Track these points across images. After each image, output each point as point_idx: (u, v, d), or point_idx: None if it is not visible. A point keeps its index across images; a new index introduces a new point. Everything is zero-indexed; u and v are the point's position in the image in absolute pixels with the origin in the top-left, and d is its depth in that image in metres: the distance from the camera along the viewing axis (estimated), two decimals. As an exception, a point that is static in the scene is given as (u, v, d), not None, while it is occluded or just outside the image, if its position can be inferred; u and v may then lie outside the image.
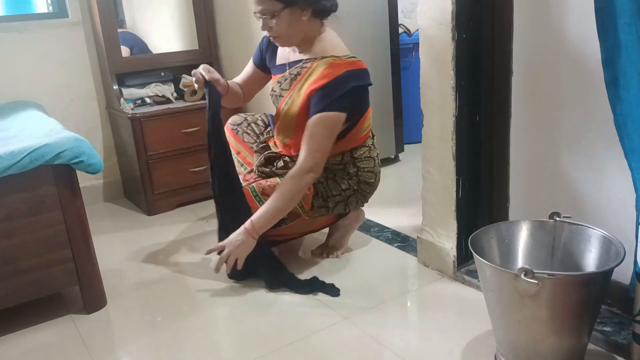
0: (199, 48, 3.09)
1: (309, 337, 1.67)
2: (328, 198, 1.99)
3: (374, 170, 2.07)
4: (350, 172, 2.03)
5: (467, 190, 1.88)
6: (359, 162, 2.03)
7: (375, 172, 2.08)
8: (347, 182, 2.02)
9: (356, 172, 2.03)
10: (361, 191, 2.05)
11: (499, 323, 1.43)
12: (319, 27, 1.95)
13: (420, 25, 1.82)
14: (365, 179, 2.04)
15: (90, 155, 1.78)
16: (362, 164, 2.03)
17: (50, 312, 1.92)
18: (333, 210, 2.03)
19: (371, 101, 3.20)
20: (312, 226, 2.11)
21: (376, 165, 2.09)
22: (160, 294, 2.01)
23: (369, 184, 2.06)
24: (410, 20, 3.83)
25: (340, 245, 2.21)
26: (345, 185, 2.01)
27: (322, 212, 2.02)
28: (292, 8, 1.81)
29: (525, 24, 1.70)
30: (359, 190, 2.04)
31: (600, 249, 1.43)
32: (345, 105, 1.85)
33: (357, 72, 1.89)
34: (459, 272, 1.93)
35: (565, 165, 1.67)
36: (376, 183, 2.10)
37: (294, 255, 2.23)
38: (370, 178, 2.06)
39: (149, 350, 1.68)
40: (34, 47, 2.86)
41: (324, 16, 1.93)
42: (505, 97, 1.79)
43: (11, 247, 1.73)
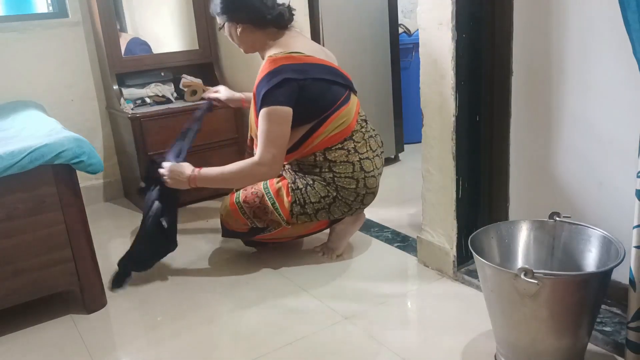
0: (199, 48, 3.09)
1: (309, 337, 1.67)
2: (306, 205, 1.98)
3: (353, 175, 1.97)
4: (327, 178, 1.98)
5: (467, 190, 1.88)
6: (335, 167, 1.97)
7: (356, 177, 1.98)
8: (326, 189, 1.98)
9: (332, 178, 1.98)
10: (342, 198, 1.99)
11: (499, 323, 1.43)
12: (275, 34, 1.99)
13: (420, 25, 1.82)
14: (343, 185, 1.98)
15: (90, 155, 1.78)
16: (337, 168, 1.97)
17: (50, 312, 1.92)
18: (316, 217, 2.01)
19: (371, 101, 3.23)
20: (300, 231, 2.10)
21: (357, 170, 1.98)
22: (160, 293, 2.01)
23: (349, 190, 1.98)
24: (410, 20, 3.84)
25: (337, 247, 2.20)
26: (324, 192, 1.98)
27: (303, 219, 2.01)
28: (229, 22, 1.99)
29: (525, 24, 1.70)
30: (340, 197, 1.99)
31: (600, 248, 1.43)
32: (281, 98, 1.85)
33: (293, 66, 1.89)
34: (459, 272, 1.93)
35: (565, 165, 1.67)
36: (361, 190, 2.00)
37: (296, 251, 2.23)
38: (350, 184, 1.98)
39: (149, 350, 1.68)
40: (34, 47, 2.86)
41: (265, 27, 1.97)
42: (505, 97, 1.79)
43: (11, 247, 1.73)
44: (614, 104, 1.51)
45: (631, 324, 1.30)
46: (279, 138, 1.87)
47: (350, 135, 2.00)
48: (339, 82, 2.02)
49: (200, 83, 2.99)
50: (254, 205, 2.00)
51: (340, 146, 1.98)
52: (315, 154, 1.98)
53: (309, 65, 1.94)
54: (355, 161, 1.98)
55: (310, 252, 2.24)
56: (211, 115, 2.83)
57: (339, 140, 1.98)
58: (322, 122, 1.95)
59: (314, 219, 2.02)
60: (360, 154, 2.01)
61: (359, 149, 2.01)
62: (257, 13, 1.94)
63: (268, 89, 1.86)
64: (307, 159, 1.99)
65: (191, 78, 3.02)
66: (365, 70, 3.17)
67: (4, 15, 2.88)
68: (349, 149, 1.99)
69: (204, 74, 3.13)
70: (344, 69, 3.24)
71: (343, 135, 1.98)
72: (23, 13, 2.93)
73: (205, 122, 2.84)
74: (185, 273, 2.15)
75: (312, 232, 2.16)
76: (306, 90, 1.90)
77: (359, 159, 1.99)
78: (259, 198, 2.00)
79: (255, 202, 2.00)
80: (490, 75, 1.82)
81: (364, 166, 2.00)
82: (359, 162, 1.99)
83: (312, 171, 2.01)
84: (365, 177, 2.00)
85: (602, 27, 1.49)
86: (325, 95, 1.95)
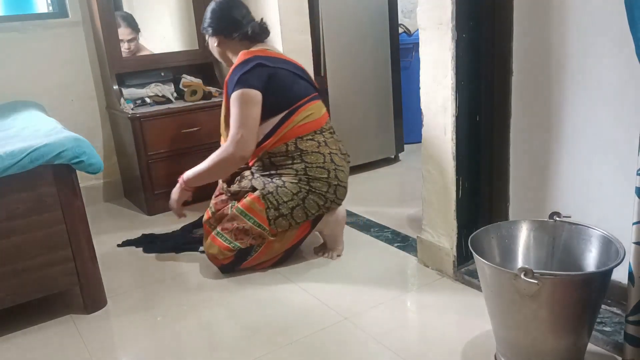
0: (199, 48, 3.09)
1: (309, 337, 1.67)
2: (280, 206, 1.99)
3: (324, 166, 2.03)
4: (299, 170, 2.02)
5: (467, 190, 1.88)
6: (306, 156, 2.03)
7: (327, 168, 2.04)
8: (297, 186, 2.01)
9: (304, 169, 2.02)
10: (315, 190, 2.02)
11: (499, 323, 1.43)
12: (248, 45, 2.16)
13: (420, 25, 1.82)
14: (314, 175, 2.01)
15: (91, 155, 1.78)
16: (308, 157, 2.03)
17: (50, 312, 1.92)
18: (293, 218, 2.01)
19: (371, 101, 3.24)
20: (285, 244, 2.08)
21: (328, 162, 2.05)
22: (160, 294, 2.01)
23: (321, 180, 2.02)
24: (410, 20, 3.84)
25: (333, 247, 2.20)
26: (296, 189, 2.00)
27: (282, 222, 2.01)
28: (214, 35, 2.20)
29: (525, 24, 1.70)
30: (312, 190, 2.01)
31: (600, 248, 1.43)
32: (251, 82, 2.00)
33: (264, 57, 2.08)
34: (459, 272, 1.93)
35: (565, 165, 1.67)
36: (332, 180, 2.04)
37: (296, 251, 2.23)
38: (322, 174, 2.03)
39: (149, 350, 1.68)
40: (34, 47, 2.86)
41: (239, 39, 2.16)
42: (505, 97, 1.79)
43: (11, 247, 1.73)
44: (614, 103, 1.51)
45: (630, 318, 1.30)
46: (248, 119, 1.99)
47: (321, 130, 2.10)
48: (307, 80, 2.18)
49: (200, 83, 2.99)
50: (232, 228, 2.03)
51: (311, 137, 2.07)
52: (287, 143, 2.04)
53: (279, 59, 2.12)
54: (326, 153, 2.07)
55: (310, 252, 2.24)
56: (212, 115, 2.84)
57: (310, 130, 2.06)
58: (292, 112, 2.05)
59: (292, 221, 2.02)
60: (331, 149, 2.09)
61: (329, 144, 2.11)
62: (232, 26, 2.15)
63: (240, 75, 2.02)
64: (278, 149, 2.06)
65: (191, 78, 3.02)
66: (365, 70, 3.17)
67: (4, 15, 2.88)
68: (319, 141, 2.08)
69: (204, 74, 3.13)
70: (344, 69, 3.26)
71: (313, 126, 2.08)
72: (23, 13, 2.93)
73: (206, 122, 2.86)
74: (186, 273, 2.15)
75: (297, 242, 2.12)
76: (276, 78, 2.05)
77: (330, 152, 2.08)
78: (235, 221, 2.03)
79: (233, 226, 2.03)
80: (490, 75, 1.82)
81: (334, 160, 2.08)
82: (329, 154, 2.08)
83: (284, 163, 2.05)
84: (336, 169, 2.07)
85: (602, 26, 1.49)
86: (293, 87, 2.09)
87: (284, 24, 2.53)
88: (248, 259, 2.06)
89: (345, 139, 3.14)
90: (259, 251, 2.06)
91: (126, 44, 2.94)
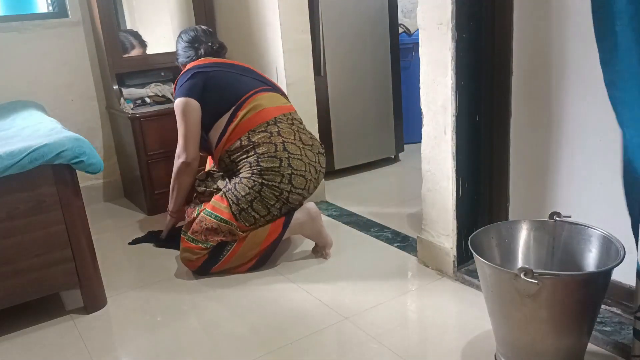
0: (199, 48, 3.09)
1: (309, 337, 1.67)
2: (239, 200, 2.02)
3: (275, 155, 2.05)
4: (252, 163, 2.05)
5: (467, 190, 1.88)
6: (258, 148, 2.07)
7: (279, 157, 2.04)
8: (251, 180, 2.03)
9: (256, 161, 2.04)
10: (268, 182, 2.02)
11: (499, 323, 1.43)
12: None
13: (420, 25, 1.82)
14: (266, 166, 2.03)
15: (91, 155, 1.78)
16: (260, 149, 2.06)
17: (50, 312, 1.92)
18: (254, 212, 2.03)
19: (371, 101, 3.24)
20: (259, 245, 2.07)
21: (279, 150, 2.06)
22: (160, 294, 2.01)
23: (273, 170, 2.02)
24: (410, 20, 3.84)
25: (322, 244, 2.19)
26: (251, 183, 2.03)
27: (247, 217, 2.04)
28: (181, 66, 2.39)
29: (525, 24, 1.70)
30: (265, 182, 2.02)
31: (600, 248, 1.43)
32: (186, 92, 2.15)
33: (201, 65, 2.22)
34: (459, 272, 1.93)
35: (565, 165, 1.67)
36: (285, 170, 2.04)
37: (296, 251, 2.23)
38: (273, 163, 2.03)
39: (149, 350, 1.68)
40: (34, 47, 2.86)
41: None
42: (505, 97, 1.79)
43: (11, 247, 1.73)
44: (614, 103, 1.50)
45: (639, 314, 1.29)
46: (187, 126, 2.15)
47: (275, 121, 2.13)
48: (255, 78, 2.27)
49: (200, 83, 2.99)
50: (202, 230, 2.05)
51: (264, 129, 2.10)
52: (240, 139, 2.10)
53: (217, 63, 2.26)
54: (279, 142, 2.08)
55: (310, 253, 2.24)
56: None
57: (260, 122, 2.11)
58: (238, 107, 2.12)
59: (255, 214, 2.04)
60: (285, 138, 2.11)
61: (283, 134, 2.11)
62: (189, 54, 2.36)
63: (178, 87, 2.19)
64: (234, 145, 2.11)
65: (191, 78, 3.01)
66: (365, 70, 3.17)
67: (4, 15, 2.88)
68: (272, 132, 2.10)
69: (204, 74, 3.12)
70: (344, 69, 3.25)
71: (263, 117, 2.12)
72: (23, 13, 2.93)
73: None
74: (185, 273, 2.15)
75: (271, 244, 2.09)
76: (215, 79, 2.18)
77: (283, 141, 2.09)
78: (202, 222, 2.05)
79: (202, 227, 2.05)
80: (490, 75, 1.82)
81: (288, 148, 2.08)
82: (282, 143, 2.08)
83: (241, 158, 2.10)
84: (289, 157, 2.07)
85: (602, 27, 1.49)
86: (235, 84, 2.19)
87: (283, 23, 2.53)
88: (222, 258, 2.06)
89: (346, 139, 3.16)
90: (231, 249, 2.06)
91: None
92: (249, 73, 2.27)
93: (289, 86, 2.61)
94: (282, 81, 2.62)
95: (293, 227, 2.11)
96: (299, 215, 2.12)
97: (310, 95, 2.71)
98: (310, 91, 2.71)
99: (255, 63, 2.83)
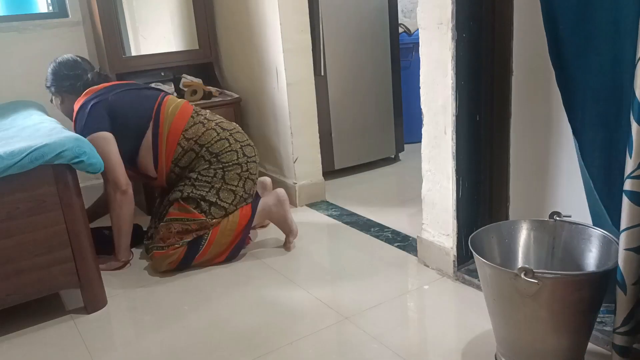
0: (199, 48, 3.09)
1: (309, 337, 1.67)
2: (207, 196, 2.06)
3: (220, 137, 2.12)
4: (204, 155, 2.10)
5: (467, 190, 1.88)
6: (200, 140, 2.11)
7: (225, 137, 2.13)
8: (212, 170, 2.08)
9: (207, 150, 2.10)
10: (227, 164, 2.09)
11: (499, 323, 1.43)
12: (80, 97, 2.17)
13: (420, 25, 1.82)
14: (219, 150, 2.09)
15: (91, 155, 1.78)
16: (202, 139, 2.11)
17: (50, 312, 1.92)
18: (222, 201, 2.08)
19: (371, 101, 3.23)
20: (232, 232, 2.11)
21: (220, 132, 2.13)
22: (160, 294, 2.01)
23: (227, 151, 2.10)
24: (410, 20, 3.83)
25: (287, 231, 2.23)
26: (212, 172, 2.08)
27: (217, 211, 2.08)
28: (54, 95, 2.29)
29: (525, 24, 1.70)
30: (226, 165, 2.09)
31: (600, 248, 1.43)
32: (96, 125, 2.05)
33: (95, 94, 2.12)
34: (459, 272, 1.93)
35: (565, 165, 1.67)
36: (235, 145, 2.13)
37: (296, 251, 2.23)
38: (223, 145, 2.10)
39: (149, 350, 1.68)
40: (34, 47, 2.86)
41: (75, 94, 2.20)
42: (505, 97, 1.80)
43: (11, 247, 1.73)
44: (614, 103, 1.50)
45: (620, 329, 1.28)
46: (109, 160, 2.04)
47: (196, 112, 2.19)
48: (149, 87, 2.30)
49: (200, 83, 2.99)
50: (173, 234, 2.07)
51: (192, 123, 2.14)
52: (179, 143, 2.11)
53: (107, 88, 2.16)
54: (215, 127, 2.13)
55: (310, 252, 2.24)
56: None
57: (186, 119, 2.13)
58: (158, 117, 2.11)
59: (223, 203, 2.08)
60: (216, 120, 2.19)
61: (210, 118, 2.19)
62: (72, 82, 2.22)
63: (82, 125, 2.06)
64: (176, 153, 2.11)
65: (191, 78, 3.01)
66: (365, 70, 3.17)
67: (4, 15, 2.87)
68: (201, 121, 2.15)
69: (204, 73, 3.13)
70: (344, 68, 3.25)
71: (184, 114, 2.15)
72: (23, 13, 2.92)
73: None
74: (185, 273, 2.15)
75: (244, 229, 2.13)
76: (117, 102, 2.11)
77: (216, 124, 2.16)
78: (171, 228, 2.08)
79: (172, 232, 2.07)
80: (490, 75, 1.82)
81: (225, 127, 2.16)
82: (217, 126, 2.15)
83: (190, 160, 2.11)
84: (231, 134, 2.14)
85: (602, 27, 1.49)
86: (140, 99, 2.15)
87: (283, 23, 2.53)
88: (201, 248, 2.10)
89: (346, 139, 3.16)
90: (208, 239, 2.09)
91: None
92: (141, 85, 2.26)
93: (289, 86, 2.61)
94: (282, 81, 2.62)
95: (261, 210, 2.17)
96: (267, 198, 2.19)
97: (310, 95, 2.71)
98: (310, 91, 2.71)
99: (255, 63, 2.83)
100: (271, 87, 2.74)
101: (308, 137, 2.74)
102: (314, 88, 2.72)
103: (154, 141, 2.12)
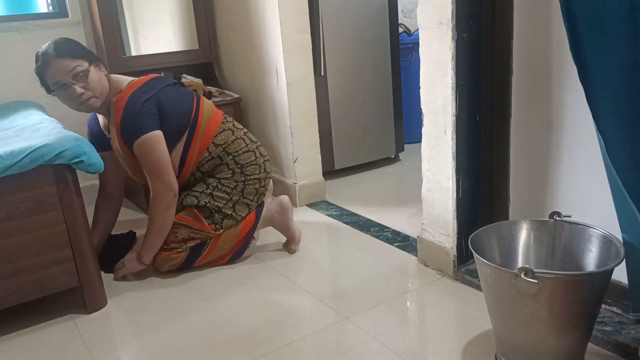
0: (199, 48, 3.09)
1: (309, 337, 1.67)
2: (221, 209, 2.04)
3: (248, 148, 2.11)
4: (229, 163, 2.08)
5: (467, 190, 1.88)
6: (228, 148, 2.09)
7: (252, 149, 2.12)
8: (233, 180, 2.07)
9: (234, 160, 2.07)
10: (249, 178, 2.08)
11: (499, 323, 1.43)
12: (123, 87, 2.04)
13: (420, 25, 1.82)
14: (245, 162, 2.08)
15: (91, 155, 1.78)
16: (231, 148, 2.08)
17: (50, 312, 1.92)
18: (237, 213, 2.07)
19: (371, 101, 3.24)
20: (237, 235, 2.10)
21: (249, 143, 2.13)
22: (160, 294, 2.01)
23: (252, 164, 2.10)
24: (410, 20, 3.83)
25: (290, 237, 2.23)
26: (232, 183, 2.06)
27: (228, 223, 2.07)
28: (95, 63, 1.98)
29: (525, 23, 1.70)
30: (248, 178, 2.08)
31: (601, 248, 1.43)
32: (148, 125, 1.95)
33: (140, 90, 1.99)
34: (459, 272, 1.93)
35: (565, 165, 1.67)
36: (259, 159, 2.12)
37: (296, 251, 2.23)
38: (249, 157, 2.10)
39: (149, 350, 1.68)
40: (34, 47, 2.83)
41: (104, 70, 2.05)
42: (505, 97, 1.79)
43: (11, 247, 1.73)
44: (614, 103, 1.50)
45: None
46: (161, 160, 1.97)
47: (225, 118, 2.16)
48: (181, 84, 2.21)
49: (200, 83, 2.99)
50: (178, 240, 2.06)
51: (222, 130, 2.11)
52: (208, 149, 2.08)
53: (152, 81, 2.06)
54: (242, 136, 2.14)
55: (310, 252, 2.24)
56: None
57: (218, 124, 2.10)
58: (196, 120, 2.06)
59: (237, 216, 2.08)
60: (241, 129, 2.17)
61: (237, 126, 2.17)
62: None
63: (135, 123, 1.94)
64: (202, 157, 2.08)
65: (191, 78, 3.02)
66: (365, 70, 3.17)
67: (4, 15, 2.88)
68: (230, 128, 2.12)
69: (204, 73, 3.13)
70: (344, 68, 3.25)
71: (216, 119, 2.11)
72: (23, 13, 2.92)
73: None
74: (186, 274, 2.15)
75: (248, 232, 2.13)
76: (166, 101, 2.01)
77: (244, 133, 2.17)
78: (178, 234, 2.06)
79: (178, 238, 2.06)
80: (490, 75, 1.82)
81: (251, 138, 2.16)
82: (245, 135, 2.14)
83: (215, 168, 2.09)
84: (257, 147, 2.15)
85: (602, 27, 1.49)
86: (181, 95, 2.09)
87: (283, 23, 2.53)
88: (202, 253, 2.09)
89: (346, 139, 3.16)
90: (210, 244, 2.09)
91: None
92: (173, 80, 2.15)
93: (289, 86, 2.61)
94: (282, 81, 2.62)
95: (264, 217, 2.16)
96: (272, 205, 2.18)
97: (310, 95, 2.71)
98: (310, 91, 2.71)
99: (255, 63, 2.83)
100: (271, 87, 2.74)
101: (308, 137, 2.74)
102: (314, 88, 2.72)
103: (187, 143, 2.05)
